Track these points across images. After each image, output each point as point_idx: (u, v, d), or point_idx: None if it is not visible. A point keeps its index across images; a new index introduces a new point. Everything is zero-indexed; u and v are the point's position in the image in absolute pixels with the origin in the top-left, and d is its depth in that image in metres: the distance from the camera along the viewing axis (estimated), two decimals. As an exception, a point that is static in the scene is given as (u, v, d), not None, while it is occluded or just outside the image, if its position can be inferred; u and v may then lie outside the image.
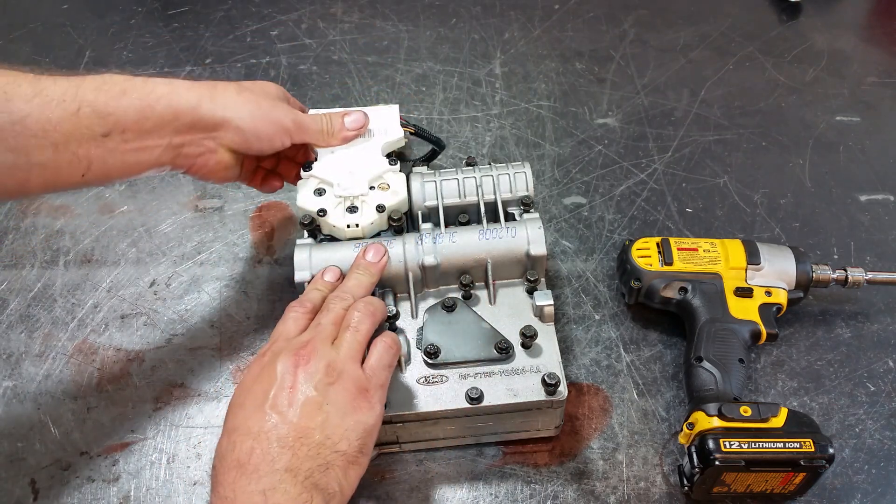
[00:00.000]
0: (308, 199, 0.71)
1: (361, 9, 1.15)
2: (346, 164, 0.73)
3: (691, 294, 0.72)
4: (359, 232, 0.70)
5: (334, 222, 0.70)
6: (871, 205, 0.89)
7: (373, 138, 0.76)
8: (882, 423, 0.70)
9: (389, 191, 0.72)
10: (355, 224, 0.70)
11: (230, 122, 0.66)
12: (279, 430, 0.52)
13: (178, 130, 0.63)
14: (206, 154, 0.66)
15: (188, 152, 0.65)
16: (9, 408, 0.72)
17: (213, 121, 0.65)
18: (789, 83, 1.04)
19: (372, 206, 0.70)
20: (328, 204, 0.71)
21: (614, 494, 0.66)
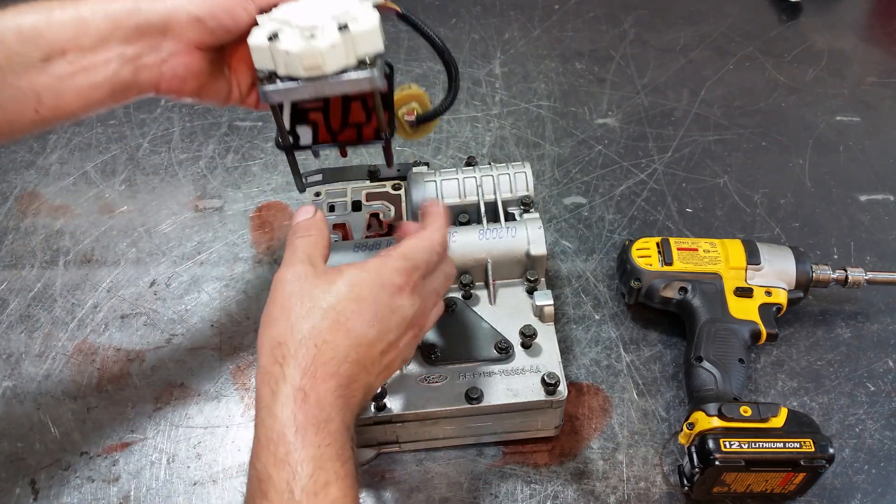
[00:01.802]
0: (257, 36, 0.58)
1: (361, 9, 1.15)
2: (313, 6, 0.60)
3: (691, 294, 0.72)
4: (316, 57, 0.56)
5: (287, 46, 0.56)
6: (871, 205, 0.89)
7: None
8: (882, 423, 0.70)
9: (355, 19, 0.58)
10: (315, 47, 0.56)
11: (179, 13, 0.58)
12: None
13: (125, 39, 0.57)
14: (170, 60, 0.59)
15: (148, 62, 0.58)
16: (9, 408, 0.72)
17: (159, 18, 0.58)
18: (789, 83, 1.04)
19: (333, 29, 0.57)
20: (283, 34, 0.57)
21: (614, 494, 0.66)
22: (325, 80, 0.57)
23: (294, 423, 0.47)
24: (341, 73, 0.57)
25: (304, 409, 0.48)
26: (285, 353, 0.50)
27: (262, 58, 0.58)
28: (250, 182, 0.92)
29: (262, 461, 0.47)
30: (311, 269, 0.54)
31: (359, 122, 0.64)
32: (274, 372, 0.49)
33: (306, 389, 0.49)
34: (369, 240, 0.70)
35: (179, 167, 0.94)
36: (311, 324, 0.51)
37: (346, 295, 0.52)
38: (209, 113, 1.00)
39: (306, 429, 0.47)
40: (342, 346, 0.51)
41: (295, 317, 0.51)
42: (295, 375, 0.49)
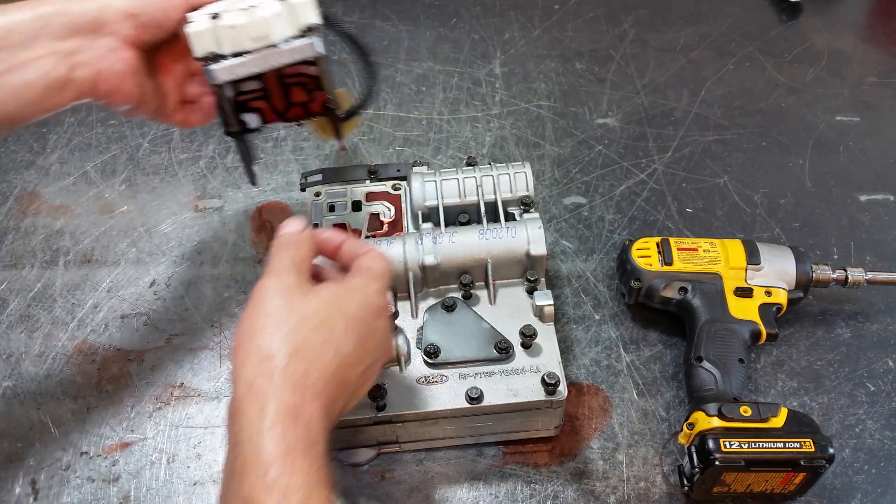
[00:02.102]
0: (199, 23, 0.59)
1: (361, 9, 1.15)
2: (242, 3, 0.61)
3: (691, 294, 0.72)
4: (263, 26, 0.58)
5: (231, 21, 0.58)
6: (871, 205, 0.89)
7: None
8: (882, 423, 0.70)
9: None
10: (259, 17, 0.58)
11: (110, 9, 0.58)
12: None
13: (56, 36, 0.57)
14: (108, 56, 0.58)
15: (85, 59, 0.58)
16: (9, 408, 0.72)
17: (89, 15, 0.58)
18: (789, 83, 1.04)
19: (272, 1, 0.59)
20: (220, 11, 0.59)
21: (614, 494, 0.66)
22: (272, 51, 0.59)
23: (284, 444, 0.45)
24: (286, 42, 0.59)
25: (293, 430, 0.45)
26: (273, 366, 0.47)
27: (204, 41, 0.59)
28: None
29: (248, 483, 0.44)
30: (297, 281, 0.52)
31: (303, 101, 0.65)
32: (260, 386, 0.46)
33: (296, 408, 0.46)
34: (369, 240, 0.70)
35: (179, 167, 0.94)
36: (301, 337, 0.49)
37: (335, 312, 0.51)
38: (209, 113, 1.00)
39: (295, 451, 0.45)
40: (330, 365, 0.49)
41: (284, 329, 0.49)
42: (285, 392, 0.46)
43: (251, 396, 0.47)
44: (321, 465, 0.46)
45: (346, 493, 0.66)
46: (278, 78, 0.64)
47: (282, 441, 0.45)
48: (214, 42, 0.59)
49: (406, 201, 0.76)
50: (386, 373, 0.65)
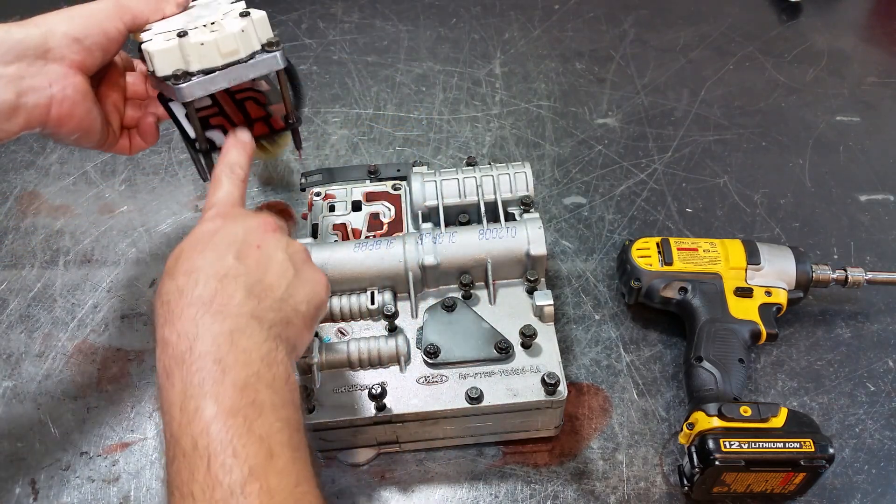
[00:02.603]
0: (160, 44, 0.60)
1: (361, 9, 1.16)
2: (192, 14, 0.64)
3: (691, 294, 0.72)
4: (231, 42, 0.60)
5: (200, 38, 0.59)
6: (871, 205, 0.89)
7: (210, 3, 0.66)
8: (882, 423, 0.70)
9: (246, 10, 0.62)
10: (225, 33, 0.60)
11: (55, 33, 0.59)
12: (247, 278, 0.51)
13: (1, 62, 0.57)
14: (59, 81, 0.59)
15: (34, 85, 0.58)
16: (9, 408, 0.72)
17: (34, 41, 0.58)
18: (789, 83, 1.04)
19: (234, 18, 0.61)
20: (185, 30, 0.61)
21: (614, 494, 0.66)
22: (240, 66, 0.61)
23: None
24: (251, 57, 0.61)
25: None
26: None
27: (170, 59, 0.60)
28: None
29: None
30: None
31: (261, 116, 0.67)
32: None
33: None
34: (369, 240, 0.70)
35: (179, 167, 0.94)
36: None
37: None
38: (209, 113, 1.00)
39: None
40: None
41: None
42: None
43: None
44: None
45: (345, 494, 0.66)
46: (229, 94, 0.66)
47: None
48: (181, 60, 0.60)
49: (406, 201, 0.76)
50: (386, 373, 0.65)
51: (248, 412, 0.45)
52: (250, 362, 0.47)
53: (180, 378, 0.46)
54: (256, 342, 0.48)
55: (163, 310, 0.49)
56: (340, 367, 0.65)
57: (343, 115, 1.00)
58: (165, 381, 0.47)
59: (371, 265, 0.68)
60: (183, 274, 0.50)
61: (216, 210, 0.57)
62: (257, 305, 0.50)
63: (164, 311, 0.49)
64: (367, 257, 0.69)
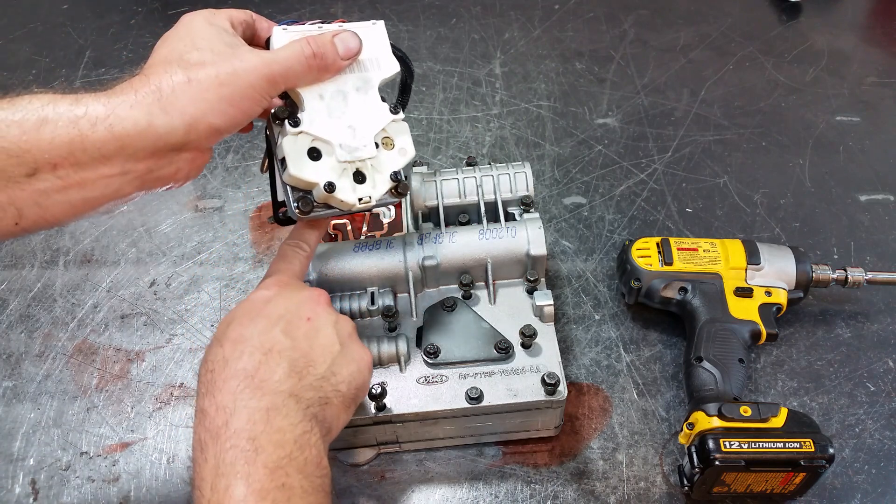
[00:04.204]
0: (306, 168, 0.56)
1: (361, 9, 1.15)
2: (340, 111, 0.58)
3: (691, 294, 0.72)
4: (371, 205, 0.58)
5: (343, 197, 0.56)
6: (871, 205, 0.89)
7: (364, 72, 0.59)
8: (882, 423, 0.70)
9: (396, 149, 0.59)
10: (368, 197, 0.57)
11: (199, 126, 0.51)
12: (292, 353, 0.51)
13: (133, 158, 0.50)
14: (186, 168, 0.54)
15: (163, 175, 0.52)
16: (9, 408, 0.72)
17: (176, 138, 0.51)
18: (789, 83, 1.04)
19: (383, 173, 0.58)
20: (331, 174, 0.56)
21: (614, 494, 0.66)
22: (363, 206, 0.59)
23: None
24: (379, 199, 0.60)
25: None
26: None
27: (303, 184, 0.57)
28: (250, 182, 0.92)
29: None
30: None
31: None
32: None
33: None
34: (369, 240, 0.70)
35: (179, 167, 0.94)
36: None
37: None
38: (209, 113, 1.00)
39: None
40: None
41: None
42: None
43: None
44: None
45: (345, 494, 0.66)
46: None
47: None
48: (313, 189, 0.57)
49: (406, 201, 0.76)
50: (386, 373, 0.65)
51: (276, 496, 0.45)
52: (284, 443, 0.47)
53: (213, 454, 0.46)
54: (292, 422, 0.48)
55: (206, 378, 0.50)
56: (340, 367, 0.65)
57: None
58: (199, 455, 0.47)
59: (371, 265, 0.68)
60: (230, 342, 0.50)
61: (275, 279, 0.56)
62: (297, 383, 0.50)
63: (207, 379, 0.49)
64: (367, 257, 0.69)
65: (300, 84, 0.57)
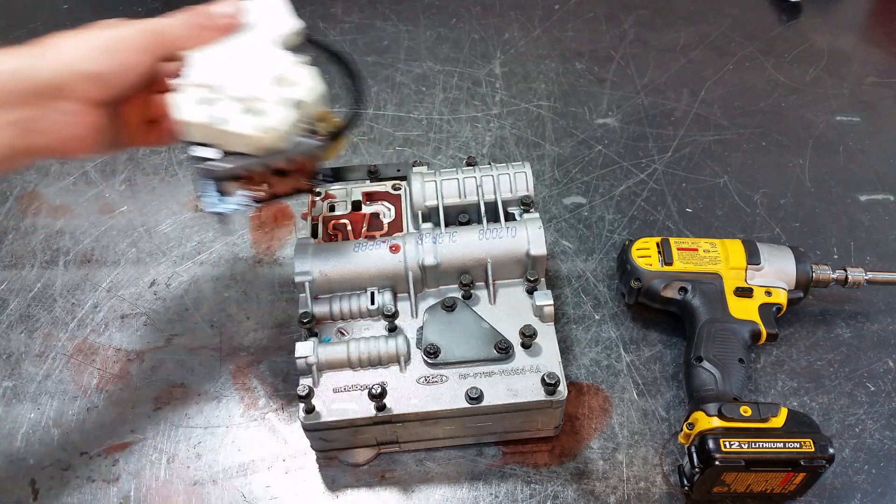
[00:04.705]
0: (192, 110, 0.54)
1: (361, 9, 1.15)
2: (234, 62, 0.57)
3: (691, 294, 0.72)
4: (274, 138, 0.55)
5: (240, 129, 0.54)
6: (871, 205, 0.89)
7: (258, 32, 0.60)
8: (882, 423, 0.70)
9: (298, 87, 0.57)
10: (270, 128, 0.55)
11: (75, 72, 0.53)
12: None
13: (10, 104, 0.52)
14: (70, 122, 0.54)
15: (44, 127, 0.54)
16: (9, 408, 0.72)
17: (53, 81, 0.53)
18: (789, 83, 1.04)
19: (283, 104, 0.55)
20: (222, 110, 0.55)
21: (614, 494, 0.66)
22: (279, 154, 0.56)
23: None
24: (293, 143, 0.57)
25: None
26: None
27: (201, 132, 0.55)
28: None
29: None
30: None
31: (285, 171, 0.62)
32: None
33: None
34: (369, 240, 0.70)
35: (179, 167, 0.94)
36: None
37: None
38: (209, 113, 1.00)
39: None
40: None
41: None
42: None
43: None
44: None
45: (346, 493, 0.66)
46: None
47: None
48: (214, 137, 0.55)
49: (406, 201, 0.76)
50: (386, 373, 0.65)
51: None
52: None
53: None
54: None
55: None
56: (340, 367, 0.65)
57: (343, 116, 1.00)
58: None
59: (371, 265, 0.68)
60: None
61: None
62: None
63: None
64: (367, 257, 0.69)
65: (185, 46, 0.58)
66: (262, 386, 0.73)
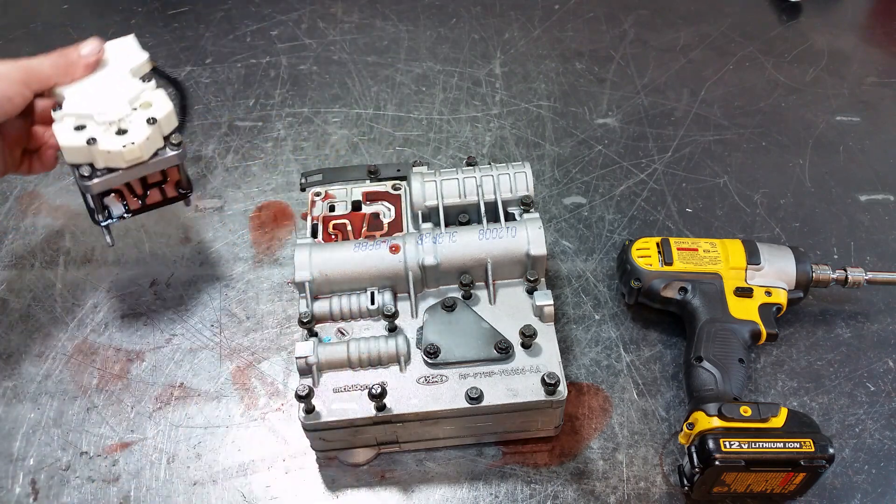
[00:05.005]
0: (70, 136, 0.67)
1: (361, 9, 1.16)
2: (99, 94, 0.70)
3: (691, 294, 0.72)
4: (136, 151, 0.67)
5: (107, 147, 0.66)
6: (871, 205, 0.89)
7: (116, 66, 0.73)
8: (882, 423, 0.70)
9: (154, 107, 0.69)
10: (130, 143, 0.66)
11: None
12: None
13: None
14: None
15: None
16: (9, 408, 0.72)
17: None
18: (789, 83, 1.04)
19: (141, 122, 0.68)
20: (94, 133, 0.67)
21: (614, 494, 0.66)
22: (142, 165, 0.68)
23: None
24: (155, 155, 0.69)
25: None
26: None
27: (78, 155, 0.67)
28: (250, 182, 0.92)
29: None
30: None
31: (157, 182, 0.73)
32: None
33: None
34: (369, 240, 0.70)
35: (179, 167, 0.94)
36: None
37: None
38: (209, 113, 1.00)
39: None
40: None
41: None
42: None
43: None
44: None
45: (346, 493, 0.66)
46: None
47: None
48: (88, 157, 0.67)
49: (406, 201, 0.76)
50: (386, 373, 0.65)
51: None
52: None
53: None
54: None
55: None
56: (340, 367, 0.65)
57: (343, 115, 1.00)
58: None
59: (371, 265, 0.68)
60: None
61: None
62: None
63: None
64: (367, 257, 0.69)
65: (57, 82, 0.70)
66: (262, 386, 0.73)
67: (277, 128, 0.98)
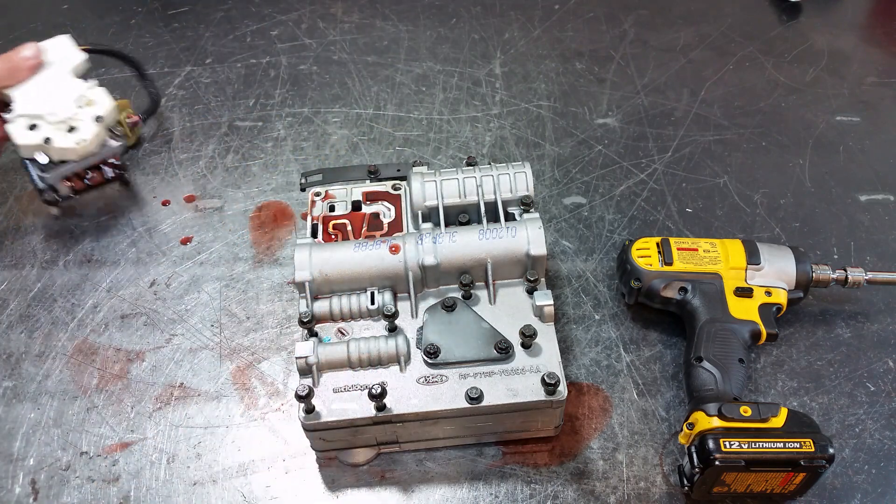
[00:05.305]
0: (26, 135, 0.77)
1: (361, 9, 1.16)
2: (46, 95, 0.79)
3: (691, 294, 0.72)
4: (88, 147, 0.80)
5: (62, 145, 0.78)
6: (871, 205, 0.89)
7: (57, 67, 0.82)
8: (882, 423, 0.70)
9: (97, 105, 0.80)
10: (83, 139, 0.79)
11: None
12: None
13: None
14: None
15: None
16: (9, 408, 0.72)
17: None
18: (789, 83, 1.04)
19: (89, 121, 0.79)
20: (48, 132, 0.78)
21: (614, 494, 0.66)
22: (91, 156, 0.82)
23: None
24: (103, 144, 0.82)
25: None
26: None
27: (32, 151, 0.78)
28: (250, 182, 0.92)
29: None
30: None
31: (97, 165, 0.85)
32: None
33: None
34: (369, 240, 0.70)
35: (179, 167, 0.94)
36: None
37: None
38: (209, 113, 1.00)
39: None
40: None
41: None
42: None
43: None
44: None
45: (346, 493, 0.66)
46: None
47: None
48: (42, 151, 0.79)
49: (406, 201, 0.76)
50: (386, 373, 0.65)
51: None
52: None
53: None
54: None
55: None
56: (340, 367, 0.65)
57: (343, 115, 1.00)
58: None
59: (371, 265, 0.68)
60: None
61: None
62: None
63: None
64: (367, 257, 0.69)
65: (1, 85, 0.78)
66: (262, 386, 0.73)
67: (277, 128, 0.98)
